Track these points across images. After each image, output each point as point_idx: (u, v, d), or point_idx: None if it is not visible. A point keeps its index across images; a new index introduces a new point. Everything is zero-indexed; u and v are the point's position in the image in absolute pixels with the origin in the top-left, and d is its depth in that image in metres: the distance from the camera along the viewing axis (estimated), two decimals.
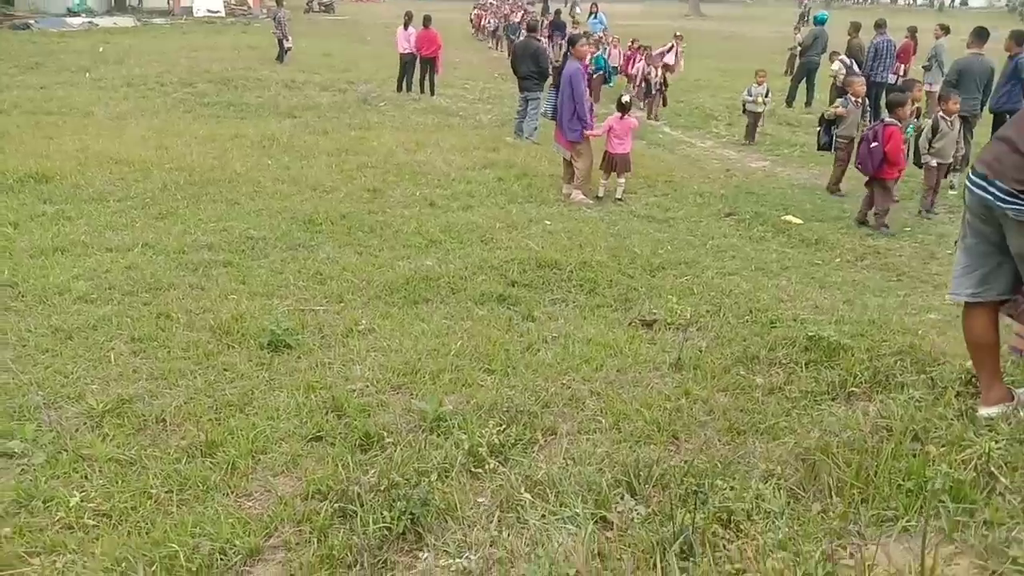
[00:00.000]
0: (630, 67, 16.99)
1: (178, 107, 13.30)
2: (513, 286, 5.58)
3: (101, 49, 20.72)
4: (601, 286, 5.63)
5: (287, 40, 19.76)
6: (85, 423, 3.51)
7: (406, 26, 16.18)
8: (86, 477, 3.09)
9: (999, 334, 3.29)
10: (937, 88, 13.27)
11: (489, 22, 27.75)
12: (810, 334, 4.41)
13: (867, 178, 7.91)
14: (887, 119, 8.05)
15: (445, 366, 4.16)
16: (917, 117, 9.15)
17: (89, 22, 28.28)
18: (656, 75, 15.04)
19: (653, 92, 15.26)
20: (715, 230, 7.46)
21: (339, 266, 5.84)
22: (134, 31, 27.62)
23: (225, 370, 4.09)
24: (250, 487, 3.12)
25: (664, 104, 15.41)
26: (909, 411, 3.18)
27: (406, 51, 16.21)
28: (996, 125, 8.75)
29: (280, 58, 19.59)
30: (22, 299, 4.89)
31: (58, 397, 3.72)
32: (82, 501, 2.93)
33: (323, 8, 41.14)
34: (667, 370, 4.18)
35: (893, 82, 14.63)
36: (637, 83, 15.96)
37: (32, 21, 26.36)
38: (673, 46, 17.13)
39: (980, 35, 9.79)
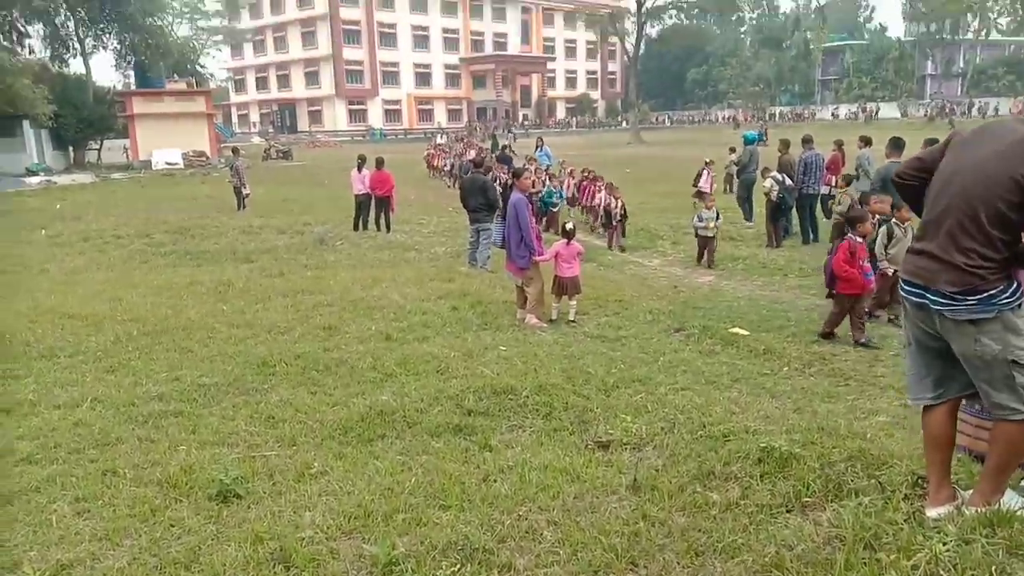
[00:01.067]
0: (586, 198, 17.17)
1: (134, 258, 13.41)
2: (469, 415, 5.56)
3: (58, 206, 21.00)
4: (557, 409, 5.64)
5: (245, 188, 20.26)
6: None
7: (359, 168, 16.76)
8: None
9: (955, 431, 3.37)
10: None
11: (444, 162, 28.82)
12: (762, 445, 4.43)
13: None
14: (849, 235, 7.96)
15: (399, 505, 4.08)
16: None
17: (47, 180, 28.75)
18: (617, 205, 15.08)
19: (614, 223, 15.28)
20: (666, 346, 7.59)
21: (292, 408, 5.78)
22: (92, 187, 28.09)
23: (172, 525, 3.96)
24: None
25: (623, 234, 15.44)
26: (860, 518, 3.19)
27: (361, 192, 16.72)
28: None
29: (239, 206, 20.00)
30: None
31: None
32: None
33: (281, 155, 42.45)
34: (624, 492, 4.15)
35: (826, 192, 15.44)
36: (597, 213, 16.15)
37: None
38: (704, 173, 17.73)
39: (897, 145, 10.46)
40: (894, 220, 8.44)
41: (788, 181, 13.89)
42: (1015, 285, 2.96)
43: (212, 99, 44.12)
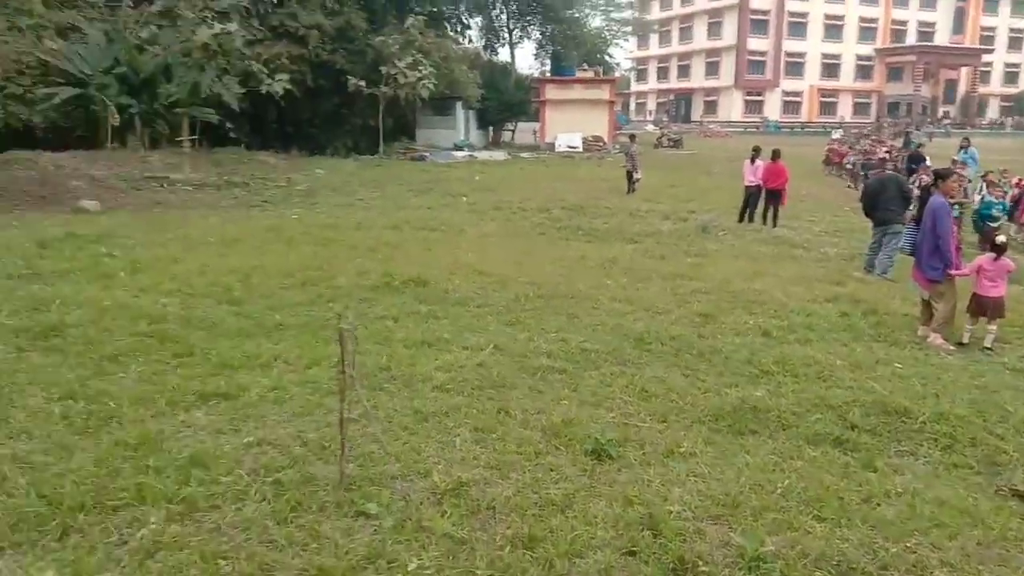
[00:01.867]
0: (1022, 212, 14.44)
1: (535, 229, 14.71)
2: (852, 430, 5.14)
3: (477, 178, 23.90)
4: (960, 443, 4.95)
5: (636, 172, 21.03)
6: (429, 498, 3.91)
7: (753, 160, 16.32)
8: (424, 547, 3.43)
9: None
10: None
11: (848, 160, 26.54)
12: None
13: None
14: None
15: (769, 504, 3.94)
16: None
17: (470, 155, 32.89)
18: None
19: None
20: None
21: (664, 386, 5.89)
22: (505, 163, 31.47)
23: (551, 470, 4.31)
24: None
25: None
26: None
27: (752, 183, 16.28)
28: None
29: (629, 190, 20.86)
30: (393, 381, 5.67)
31: (410, 471, 4.20)
32: (418, 569, 3.25)
33: (672, 143, 43.13)
34: None
35: None
36: None
37: (427, 154, 31.40)
38: None
39: None
40: None
41: None
42: None
43: (616, 88, 46.37)
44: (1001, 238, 8.05)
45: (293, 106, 28.59)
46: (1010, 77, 79.79)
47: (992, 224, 13.30)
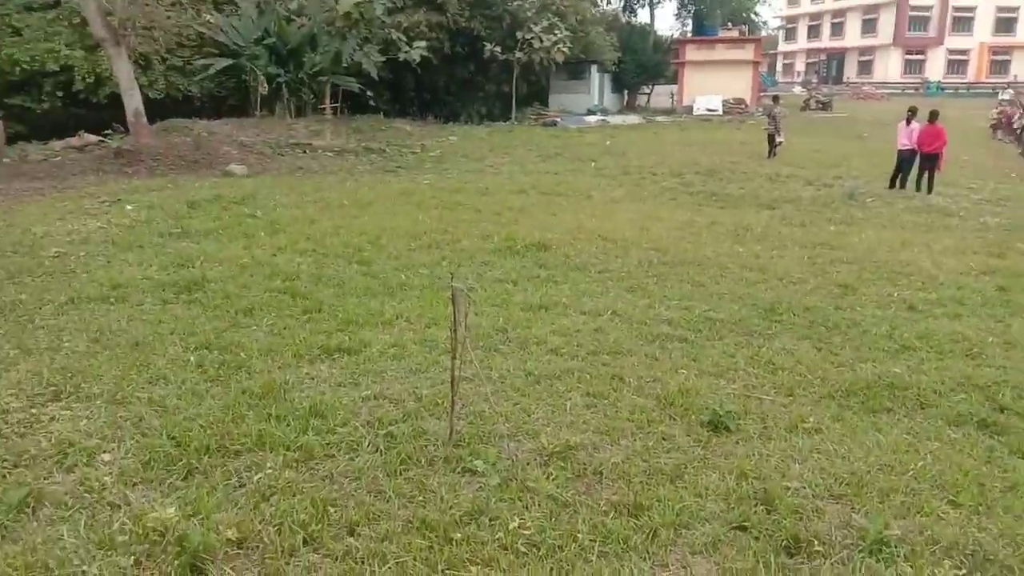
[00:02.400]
0: None
1: (664, 194, 14.33)
2: (1002, 412, 4.70)
3: (608, 143, 23.54)
4: None
5: (779, 135, 20.03)
6: (535, 459, 3.90)
7: (908, 121, 15.14)
8: (527, 507, 3.43)
9: None
10: None
11: (1019, 123, 23.95)
12: None
13: None
14: None
15: (898, 486, 3.66)
16: None
17: (603, 119, 32.41)
18: None
19: None
20: None
21: (793, 359, 5.59)
22: (639, 127, 30.80)
23: (663, 439, 4.20)
24: (667, 559, 3.12)
25: None
26: None
27: (906, 147, 15.12)
28: None
29: (769, 154, 19.92)
30: (508, 343, 5.69)
31: (519, 432, 4.21)
32: (519, 528, 3.25)
33: (820, 106, 40.74)
34: None
35: None
36: None
37: (558, 119, 31.21)
38: None
39: None
40: None
41: None
42: None
43: (761, 48, 44.21)
44: None
45: (430, 73, 29.12)
46: None
47: None
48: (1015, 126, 24.12)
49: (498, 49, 29.39)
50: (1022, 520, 3.35)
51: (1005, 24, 68.49)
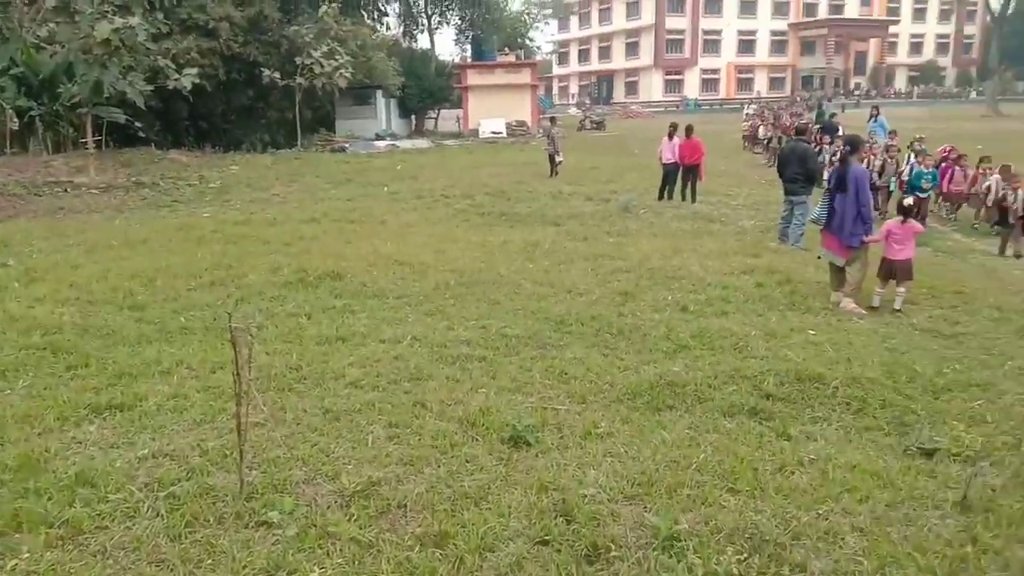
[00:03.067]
0: (948, 182, 13.83)
1: (457, 216, 14.53)
2: (767, 399, 5.18)
3: (399, 167, 23.54)
4: (871, 406, 5.03)
5: (559, 155, 21.02)
6: (336, 501, 3.74)
7: (671, 136, 16.47)
8: (328, 555, 3.27)
9: None
10: None
11: (765, 134, 26.59)
12: None
13: None
14: None
15: (684, 480, 3.91)
16: None
17: (392, 144, 32.38)
18: (1017, 198, 11.38)
19: (1012, 220, 11.38)
20: (1016, 350, 6.39)
21: (584, 367, 5.83)
22: (428, 151, 31.11)
23: (467, 461, 4.19)
24: None
25: None
26: None
27: (669, 161, 16.43)
28: None
29: (552, 173, 20.85)
30: (303, 381, 5.46)
31: (317, 474, 4.02)
32: None
33: (595, 125, 43.38)
34: (950, 510, 3.56)
35: None
36: (987, 205, 12.75)
37: (347, 145, 30.78)
38: None
39: None
40: None
41: None
42: None
43: (538, 71, 46.32)
44: (908, 200, 8.24)
45: (205, 101, 27.58)
46: (915, 47, 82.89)
47: (921, 195, 12.76)
48: (760, 137, 27.03)
49: (277, 75, 28.48)
50: (790, 498, 3.69)
51: (746, 46, 77.00)
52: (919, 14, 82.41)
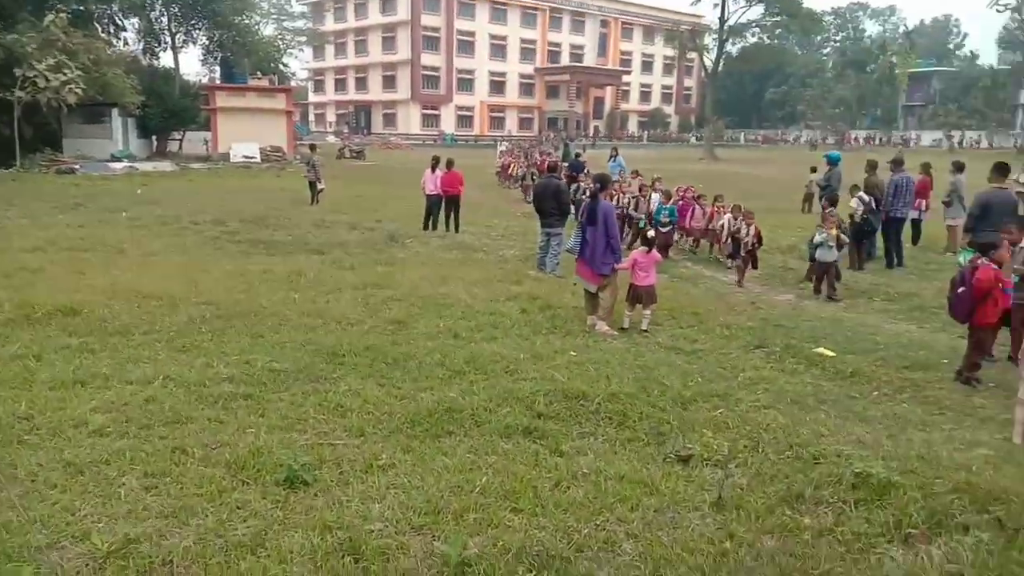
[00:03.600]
0: (688, 219, 14.69)
1: (209, 244, 13.63)
2: (539, 418, 5.38)
3: (139, 191, 21.66)
4: (631, 419, 5.42)
5: (320, 182, 20.59)
6: (87, 565, 3.30)
7: (433, 169, 16.80)
8: None
9: None
10: (959, 223, 13.40)
11: (519, 170, 27.85)
12: (857, 470, 4.16)
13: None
14: (981, 261, 7.15)
15: (469, 504, 3.92)
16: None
17: (130, 167, 29.72)
18: (748, 233, 12.12)
19: (743, 252, 12.18)
20: (745, 362, 7.26)
21: (360, 399, 5.69)
22: (173, 175, 28.95)
23: (238, 508, 3.88)
24: None
25: (755, 266, 12.51)
26: (980, 556, 2.89)
27: (432, 192, 16.74)
28: None
29: (313, 200, 20.32)
30: (36, 432, 4.76)
31: (62, 536, 3.51)
32: None
33: (354, 155, 43.06)
34: (708, 510, 3.91)
35: (916, 217, 14.82)
36: (722, 240, 13.44)
37: (77, 166, 27.75)
38: None
39: (1001, 170, 9.90)
40: None
41: (874, 204, 13.29)
42: None
43: (292, 97, 45.06)
44: (650, 233, 9.09)
45: None
46: (644, 96, 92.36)
47: (663, 229, 13.76)
48: (511, 174, 28.46)
49: None
50: (570, 512, 3.84)
51: (498, 87, 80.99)
52: (647, 67, 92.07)
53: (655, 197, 14.90)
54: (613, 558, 3.39)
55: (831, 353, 7.63)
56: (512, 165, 29.54)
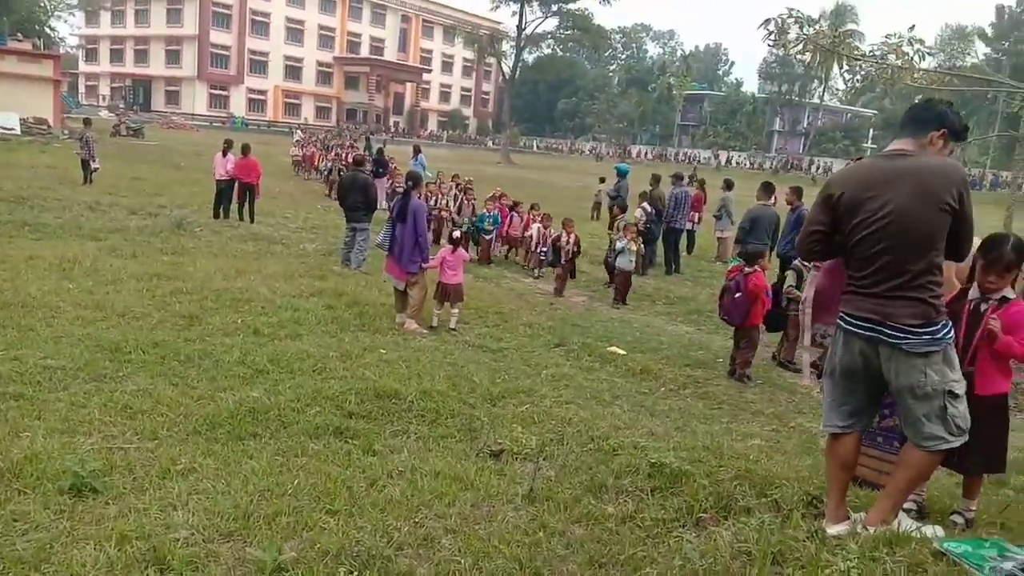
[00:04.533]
0: (507, 227, 14.53)
1: None
2: (351, 418, 5.30)
3: None
4: (443, 416, 5.49)
5: (94, 162, 18.72)
6: None
7: (224, 153, 15.87)
8: None
9: (858, 458, 3.55)
10: (729, 234, 14.91)
11: (324, 163, 26.50)
12: (652, 461, 4.50)
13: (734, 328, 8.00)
14: (748, 269, 7.90)
15: (282, 508, 3.78)
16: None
17: None
18: (569, 240, 12.23)
19: (563, 261, 12.17)
20: (547, 360, 7.61)
21: (152, 399, 5.29)
22: None
23: (15, 520, 3.47)
24: None
25: (572, 276, 12.53)
26: (763, 535, 3.25)
27: (223, 177, 15.82)
28: (783, 268, 9.64)
29: (86, 180, 18.43)
30: None
31: None
32: None
33: (132, 132, 39.60)
34: (520, 502, 4.06)
35: (690, 228, 16.26)
36: (534, 247, 13.46)
37: None
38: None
39: (767, 189, 11.14)
40: (800, 261, 8.40)
41: (655, 214, 14.41)
42: (949, 323, 3.21)
43: (61, 65, 40.47)
44: (456, 233, 9.24)
45: None
46: (444, 96, 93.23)
47: (487, 236, 14.17)
48: (316, 165, 27.46)
49: None
50: (387, 511, 3.82)
51: (293, 72, 78.02)
52: (447, 67, 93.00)
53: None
54: (433, 554, 3.42)
55: (623, 352, 8.19)
56: (317, 156, 28.48)
